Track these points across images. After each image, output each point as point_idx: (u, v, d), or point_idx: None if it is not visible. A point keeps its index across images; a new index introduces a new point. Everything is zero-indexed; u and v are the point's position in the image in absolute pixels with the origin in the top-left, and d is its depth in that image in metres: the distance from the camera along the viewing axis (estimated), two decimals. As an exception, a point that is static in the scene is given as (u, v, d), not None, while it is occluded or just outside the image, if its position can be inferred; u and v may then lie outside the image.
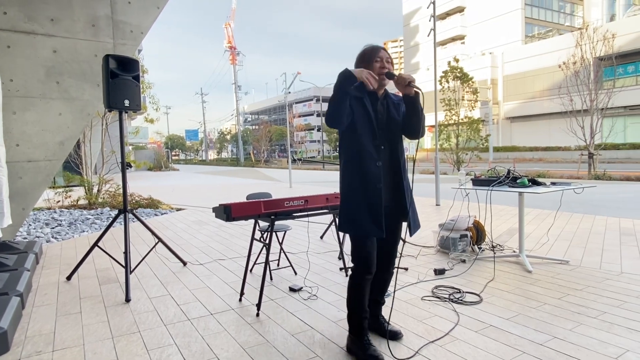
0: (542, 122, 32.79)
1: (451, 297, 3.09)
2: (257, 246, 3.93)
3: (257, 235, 3.46)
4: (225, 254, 4.67)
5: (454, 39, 47.04)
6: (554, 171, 15.57)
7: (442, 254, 4.36)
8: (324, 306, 3.02)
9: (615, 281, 3.36)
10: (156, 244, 4.16)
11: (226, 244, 5.23)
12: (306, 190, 12.04)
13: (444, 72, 17.73)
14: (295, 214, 3.12)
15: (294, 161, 34.92)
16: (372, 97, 2.27)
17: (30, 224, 6.68)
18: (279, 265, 4.08)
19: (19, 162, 4.34)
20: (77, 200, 8.81)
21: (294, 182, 14.43)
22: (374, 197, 2.20)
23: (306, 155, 48.31)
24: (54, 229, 6.40)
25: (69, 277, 3.86)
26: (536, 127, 33.87)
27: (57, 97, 4.47)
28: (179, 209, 8.65)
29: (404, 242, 4.32)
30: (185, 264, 4.25)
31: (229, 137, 67.64)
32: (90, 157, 9.36)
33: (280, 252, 4.07)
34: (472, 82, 18.06)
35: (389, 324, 2.52)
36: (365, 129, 2.21)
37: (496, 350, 2.29)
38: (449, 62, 17.99)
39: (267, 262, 3.09)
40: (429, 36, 9.36)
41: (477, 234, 4.43)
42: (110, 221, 4.00)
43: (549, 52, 30.54)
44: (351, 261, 2.33)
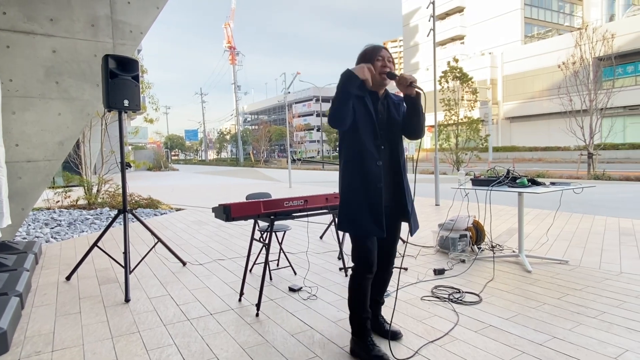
0: (542, 122, 32.82)
1: (451, 297, 3.09)
2: (257, 246, 3.93)
3: (257, 235, 3.46)
4: (224, 254, 4.67)
5: (453, 39, 47.06)
6: (553, 171, 15.58)
7: (441, 254, 4.36)
8: (323, 306, 3.02)
9: (614, 281, 3.36)
10: (156, 244, 4.16)
11: (226, 244, 5.23)
12: (306, 190, 12.04)
13: (443, 72, 17.73)
14: (294, 214, 3.12)
15: (293, 161, 34.92)
16: (373, 96, 2.26)
17: (29, 224, 6.68)
18: (278, 265, 4.08)
19: (18, 162, 4.34)
20: (77, 200, 8.81)
21: (293, 182, 14.43)
22: (374, 196, 2.19)
23: (306, 155, 48.30)
24: (53, 229, 6.39)
25: (68, 277, 3.86)
26: (536, 127, 33.90)
27: (57, 97, 4.46)
28: (178, 209, 8.64)
29: (406, 243, 4.28)
30: (184, 264, 4.25)
31: (228, 137, 67.67)
32: (89, 157, 9.35)
33: (279, 252, 4.07)
34: (472, 82, 18.06)
35: (390, 325, 2.51)
36: (366, 128, 2.20)
37: (496, 350, 2.29)
38: (449, 62, 18.00)
39: (266, 262, 3.09)
40: (428, 36, 9.36)
41: (477, 234, 4.43)
42: (109, 221, 4.00)
43: (548, 52, 30.56)
44: (352, 261, 2.31)
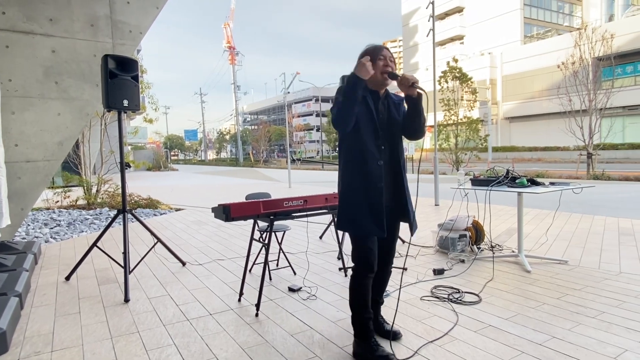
0: (541, 122, 32.84)
1: (450, 297, 3.09)
2: (256, 246, 3.92)
3: (256, 235, 3.46)
4: (224, 254, 4.67)
5: (453, 39, 47.09)
6: (552, 171, 15.59)
7: (441, 254, 4.37)
8: (323, 306, 3.02)
9: (613, 281, 3.37)
10: (155, 244, 4.16)
11: (225, 244, 5.23)
12: (305, 190, 12.04)
13: (443, 72, 17.73)
14: (294, 214, 3.12)
15: (293, 161, 34.93)
16: (374, 96, 2.25)
17: (29, 224, 6.67)
18: (278, 265, 4.08)
19: (17, 162, 4.33)
20: (76, 200, 8.80)
21: (293, 182, 14.42)
22: (375, 196, 2.18)
23: (305, 155, 48.31)
24: (52, 229, 6.39)
25: (67, 278, 3.86)
26: (535, 127, 33.92)
27: (56, 97, 4.46)
28: (178, 209, 8.64)
29: (409, 244, 4.29)
30: (184, 264, 4.25)
31: (228, 137, 67.63)
32: (89, 157, 9.35)
33: (279, 252, 4.07)
34: (471, 82, 18.07)
35: (393, 325, 2.50)
36: (367, 128, 2.19)
37: (495, 350, 2.29)
38: (448, 62, 18.01)
39: (266, 262, 3.09)
40: (428, 36, 9.37)
41: (476, 234, 4.43)
42: (109, 221, 3.99)
43: (547, 53, 30.59)
44: (352, 261, 2.29)
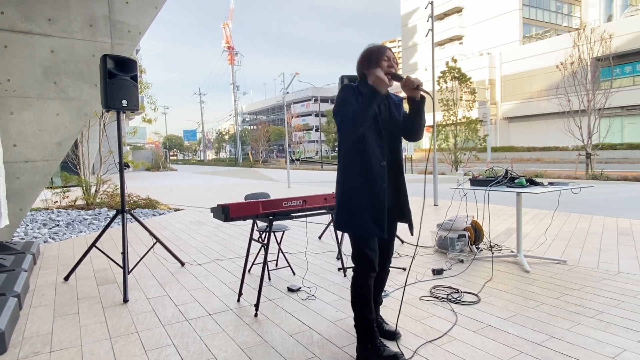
0: (540, 122, 32.87)
1: (449, 297, 3.09)
2: (256, 246, 3.92)
3: (256, 235, 3.46)
4: (223, 255, 4.67)
5: (452, 40, 47.12)
6: (551, 171, 15.61)
7: (440, 254, 4.37)
8: (322, 306, 3.02)
9: (612, 281, 3.37)
10: (154, 244, 4.15)
11: (224, 244, 5.22)
12: (304, 190, 12.04)
13: (442, 73, 17.73)
14: (293, 214, 3.12)
15: (292, 161, 34.93)
16: (377, 95, 2.25)
17: (27, 225, 6.66)
18: (277, 265, 4.08)
19: (16, 162, 4.33)
20: (75, 200, 8.79)
21: (292, 182, 14.42)
22: (378, 197, 2.15)
23: (304, 155, 48.31)
24: (51, 229, 6.38)
25: (66, 278, 3.85)
26: (534, 127, 33.95)
27: (55, 97, 4.45)
28: (177, 210, 8.63)
29: (417, 246, 4.29)
30: (183, 264, 4.25)
31: (227, 137, 67.59)
32: (88, 157, 9.33)
33: (278, 253, 4.07)
34: (470, 83, 18.06)
35: (397, 325, 2.49)
36: (371, 127, 2.17)
37: (494, 350, 2.30)
38: (447, 63, 18.00)
39: (265, 262, 3.09)
40: (427, 36, 9.36)
41: (475, 234, 4.44)
42: (108, 221, 3.99)
43: (546, 53, 30.61)
44: (353, 262, 2.26)
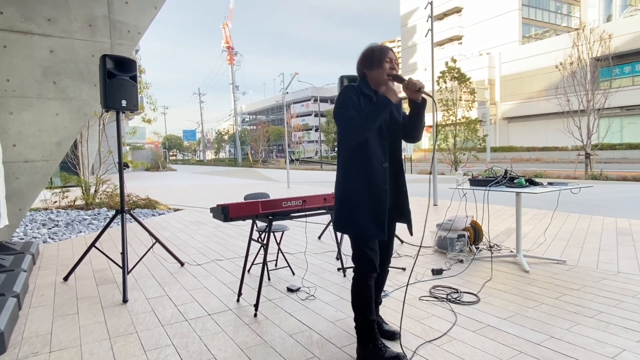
0: (540, 122, 32.89)
1: (449, 297, 3.09)
2: (255, 246, 3.92)
3: (255, 235, 3.45)
4: (223, 255, 4.67)
5: (451, 40, 47.13)
6: (551, 171, 15.62)
7: (439, 254, 4.37)
8: (321, 306, 3.02)
9: (611, 281, 3.37)
10: (153, 244, 4.15)
11: (224, 244, 5.22)
12: (304, 190, 12.04)
13: (441, 73, 17.74)
14: (293, 214, 3.12)
15: (291, 161, 34.93)
16: (378, 96, 2.23)
17: (27, 225, 6.66)
18: (276, 265, 4.08)
19: (15, 162, 4.32)
20: (74, 200, 8.79)
21: (291, 182, 14.42)
22: (379, 198, 2.14)
23: (304, 155, 48.28)
24: (50, 229, 6.38)
25: (66, 278, 3.85)
26: (533, 127, 33.97)
27: (54, 97, 4.45)
28: (176, 210, 8.63)
29: (420, 246, 4.28)
30: (182, 264, 4.25)
31: (226, 137, 67.57)
32: (87, 157, 9.32)
33: (278, 253, 4.07)
34: (470, 83, 18.08)
35: (401, 326, 2.48)
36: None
37: (493, 350, 2.30)
38: (447, 63, 18.02)
39: (264, 262, 3.09)
40: (426, 37, 9.37)
41: (475, 234, 4.44)
42: (107, 222, 3.99)
43: (546, 53, 30.63)
44: (353, 263, 2.24)
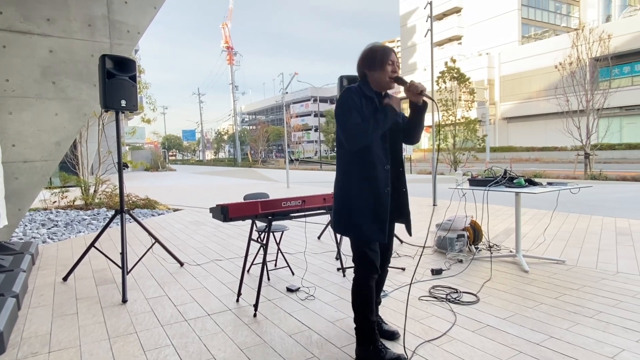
0: (539, 122, 32.91)
1: (448, 297, 3.09)
2: (255, 247, 3.92)
3: (255, 235, 3.45)
4: (222, 255, 4.67)
5: (450, 40, 47.14)
6: (550, 171, 15.62)
7: (439, 254, 4.37)
8: (321, 306, 3.02)
9: (611, 281, 3.38)
10: (153, 244, 4.15)
11: (223, 244, 5.22)
12: (303, 190, 12.04)
13: (441, 73, 17.75)
14: (292, 215, 3.12)
15: (291, 161, 34.91)
16: (379, 98, 2.22)
17: (26, 225, 6.65)
18: (276, 265, 4.08)
19: (15, 162, 4.32)
20: (74, 200, 8.78)
21: (291, 182, 14.42)
22: (381, 201, 2.13)
23: (303, 155, 48.27)
24: (50, 229, 6.37)
25: (65, 278, 3.85)
26: (533, 127, 33.98)
27: (54, 97, 4.45)
28: (176, 210, 8.62)
29: (424, 247, 4.28)
30: (182, 264, 4.25)
31: (226, 137, 67.53)
32: (86, 157, 9.31)
33: (277, 253, 4.07)
34: (469, 83, 18.09)
35: (404, 329, 2.48)
36: None
37: (493, 349, 2.30)
38: (446, 63, 18.03)
39: (264, 262, 3.09)
40: (425, 37, 9.38)
41: (474, 234, 4.44)
42: (106, 222, 3.99)
43: (545, 53, 30.65)
44: (354, 264, 2.23)
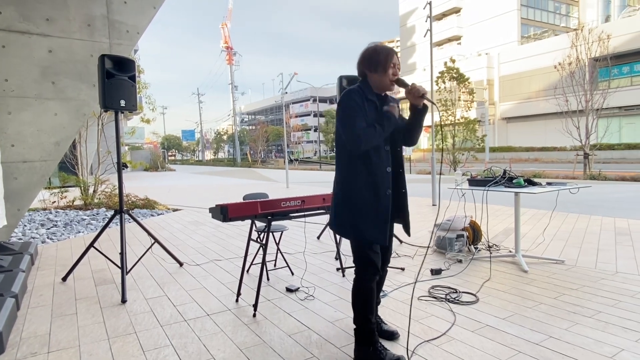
0: (538, 122, 32.92)
1: (448, 297, 3.10)
2: (254, 247, 3.92)
3: (254, 235, 3.45)
4: (221, 255, 4.67)
5: (450, 40, 47.17)
6: (549, 171, 15.64)
7: (438, 254, 4.37)
8: (320, 306, 3.02)
9: (610, 281, 3.38)
10: (152, 244, 4.15)
11: (223, 244, 5.22)
12: (303, 190, 12.04)
13: (440, 73, 17.76)
14: (292, 215, 3.12)
15: (290, 161, 34.91)
16: (380, 100, 2.21)
17: (25, 225, 6.64)
18: (275, 265, 4.08)
19: (14, 162, 4.31)
20: (73, 200, 8.77)
21: (290, 182, 14.41)
22: (382, 203, 2.12)
23: (303, 155, 48.27)
24: (49, 229, 6.37)
25: (64, 278, 3.84)
26: (532, 127, 34.00)
27: (53, 97, 4.44)
28: (175, 210, 8.62)
29: (427, 247, 4.29)
30: (181, 264, 4.24)
31: (225, 137, 67.51)
32: (86, 157, 9.30)
33: (277, 253, 4.07)
34: (469, 83, 18.10)
35: (408, 329, 2.47)
36: None
37: (492, 349, 2.30)
38: (446, 63, 18.04)
39: (263, 262, 3.09)
40: (425, 37, 9.38)
41: (474, 234, 4.45)
42: (106, 222, 3.99)
43: (544, 53, 30.67)
44: (355, 265, 2.22)
